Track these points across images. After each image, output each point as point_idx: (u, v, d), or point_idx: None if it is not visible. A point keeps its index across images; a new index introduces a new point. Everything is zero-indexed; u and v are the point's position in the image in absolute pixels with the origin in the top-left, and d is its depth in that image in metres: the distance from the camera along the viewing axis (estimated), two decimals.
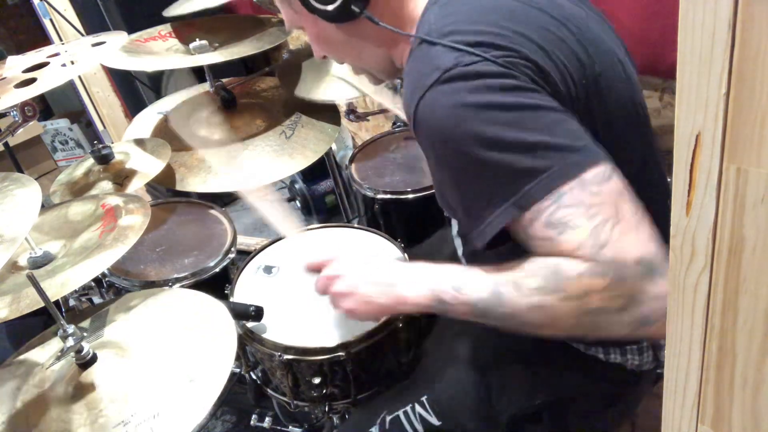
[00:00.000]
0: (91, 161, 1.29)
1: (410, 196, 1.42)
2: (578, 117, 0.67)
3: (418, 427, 0.92)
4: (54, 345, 0.93)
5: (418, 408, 0.93)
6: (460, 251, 0.95)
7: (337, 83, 1.43)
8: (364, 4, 0.75)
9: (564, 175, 0.61)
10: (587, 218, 0.61)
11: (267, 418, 1.30)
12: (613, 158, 0.65)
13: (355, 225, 1.36)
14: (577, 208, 0.61)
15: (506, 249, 0.68)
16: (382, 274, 0.79)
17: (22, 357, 0.93)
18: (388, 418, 0.94)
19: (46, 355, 0.92)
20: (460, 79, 0.63)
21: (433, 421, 0.92)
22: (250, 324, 1.09)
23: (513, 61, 0.63)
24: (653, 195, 0.78)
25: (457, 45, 0.64)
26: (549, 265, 0.64)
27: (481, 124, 0.62)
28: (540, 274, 0.64)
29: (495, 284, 0.68)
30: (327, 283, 0.84)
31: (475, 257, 0.90)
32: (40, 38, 2.52)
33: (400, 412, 0.94)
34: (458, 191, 0.69)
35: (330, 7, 0.75)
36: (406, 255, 1.20)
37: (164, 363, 0.85)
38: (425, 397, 0.93)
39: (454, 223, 0.98)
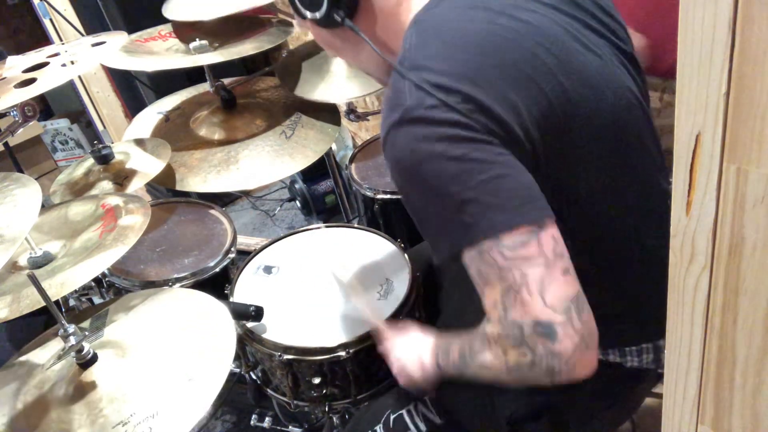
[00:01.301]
0: (91, 161, 1.29)
1: None
2: (537, 160, 0.69)
3: (421, 425, 0.93)
4: (54, 346, 0.93)
5: (420, 407, 0.94)
6: None
7: (337, 83, 1.43)
8: (349, 12, 0.77)
9: (483, 232, 0.66)
10: (499, 280, 0.66)
11: (267, 418, 1.30)
12: (609, 179, 0.70)
13: (355, 225, 1.36)
14: (493, 268, 0.66)
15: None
16: (420, 361, 0.87)
17: (22, 358, 0.93)
18: (392, 417, 0.95)
19: (46, 356, 0.92)
20: (418, 123, 0.66)
21: (436, 419, 0.93)
22: (250, 324, 1.09)
23: (469, 108, 0.65)
24: (658, 213, 0.80)
25: (422, 84, 0.66)
26: (481, 332, 0.73)
27: (427, 170, 0.66)
28: (479, 339, 0.73)
29: (461, 351, 0.78)
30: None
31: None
32: (40, 38, 2.52)
33: (404, 411, 0.95)
34: (414, 219, 0.74)
35: (317, 15, 0.78)
36: (406, 255, 1.20)
37: (163, 362, 0.85)
38: (427, 396, 0.94)
39: None
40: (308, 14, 0.79)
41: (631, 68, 0.81)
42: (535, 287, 0.65)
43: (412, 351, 0.87)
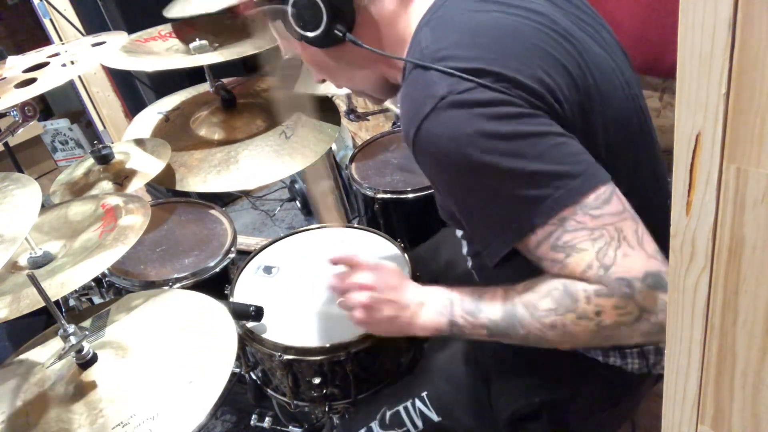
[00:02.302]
0: (91, 161, 1.29)
1: (410, 195, 1.42)
2: (577, 136, 0.67)
3: (418, 422, 0.93)
4: (54, 345, 0.93)
5: (418, 403, 0.94)
6: (464, 251, 0.96)
7: None
8: (347, 27, 0.75)
9: (564, 202, 0.63)
10: (591, 241, 0.63)
11: (267, 418, 1.30)
12: (615, 173, 0.67)
13: (355, 225, 1.36)
14: (581, 232, 0.63)
15: (515, 263, 0.69)
16: (402, 296, 0.80)
17: (22, 356, 0.93)
18: (389, 413, 0.95)
19: (46, 355, 0.92)
20: (454, 107, 0.63)
21: (433, 416, 0.92)
22: (250, 324, 1.09)
23: (506, 86, 0.63)
24: (659, 204, 0.79)
25: (450, 71, 0.64)
26: (560, 286, 0.66)
27: (479, 153, 0.63)
28: (553, 296, 0.67)
29: (508, 306, 0.70)
30: (350, 288, 0.84)
31: (478, 257, 0.91)
32: (40, 38, 2.52)
33: (401, 407, 0.94)
34: (464, 215, 0.71)
35: (314, 34, 0.76)
36: (406, 255, 1.20)
37: (164, 364, 0.85)
38: (425, 392, 0.94)
39: None
40: (305, 34, 0.77)
41: (628, 62, 0.81)
42: (635, 240, 0.63)
43: (401, 301, 0.80)
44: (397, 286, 0.81)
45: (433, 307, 0.78)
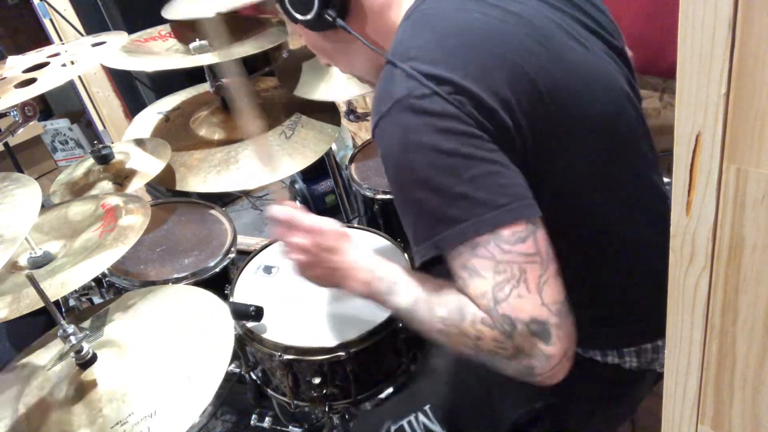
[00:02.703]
0: (91, 161, 1.29)
1: None
2: (525, 152, 0.68)
3: None
4: (54, 347, 0.93)
5: (421, 417, 0.94)
6: None
7: (336, 83, 1.43)
8: (339, 13, 0.77)
9: (479, 229, 0.64)
10: (494, 273, 0.65)
11: (267, 418, 1.30)
12: (608, 179, 0.68)
13: (355, 225, 1.36)
14: (487, 261, 0.65)
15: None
16: (333, 259, 0.83)
17: (23, 360, 0.93)
18: (393, 428, 0.94)
19: (47, 358, 0.92)
20: (408, 112, 0.65)
21: (437, 429, 0.92)
22: (250, 324, 1.09)
23: (461, 100, 0.64)
24: (651, 208, 0.79)
25: (413, 73, 0.65)
26: (457, 302, 0.69)
27: (419, 162, 0.65)
28: (449, 306, 0.70)
29: (415, 300, 0.74)
30: (288, 245, 0.86)
31: None
32: (40, 38, 2.52)
33: (404, 422, 0.94)
34: (399, 213, 0.73)
35: (306, 18, 0.78)
36: (406, 255, 1.20)
37: (162, 361, 0.85)
38: (428, 405, 0.93)
39: None
40: (299, 17, 0.79)
41: (621, 63, 0.81)
42: (534, 285, 0.64)
43: (334, 265, 0.82)
44: (331, 249, 0.84)
45: (358, 278, 0.81)
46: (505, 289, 0.64)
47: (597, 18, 0.80)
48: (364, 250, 0.83)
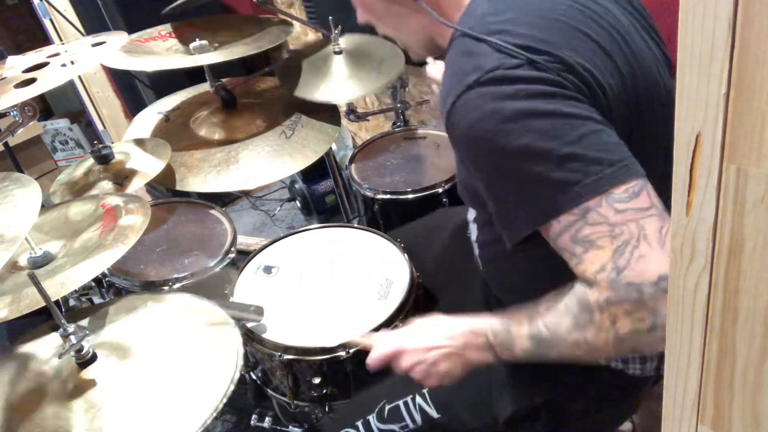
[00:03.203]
0: (91, 161, 1.29)
1: (410, 196, 1.42)
2: (616, 130, 0.66)
3: (417, 418, 0.92)
4: (51, 340, 0.93)
5: (418, 399, 0.93)
6: (473, 236, 0.95)
7: (336, 83, 1.43)
8: None
9: (592, 189, 0.61)
10: (611, 238, 0.61)
11: (267, 418, 1.30)
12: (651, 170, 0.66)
13: (355, 225, 1.36)
14: (602, 227, 0.61)
15: (528, 254, 0.69)
16: (445, 348, 0.79)
17: (19, 352, 0.93)
18: (387, 407, 0.94)
19: (43, 351, 0.91)
20: (501, 83, 0.62)
21: (433, 413, 0.92)
22: (250, 324, 1.09)
23: (557, 67, 0.63)
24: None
25: (503, 45, 0.63)
26: (575, 301, 0.65)
27: (516, 132, 0.62)
28: (571, 312, 0.66)
29: (535, 332, 0.70)
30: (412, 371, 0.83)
31: (489, 245, 0.90)
32: (40, 38, 2.52)
33: (400, 402, 0.93)
34: (490, 192, 0.69)
35: None
36: (406, 255, 1.20)
37: (163, 365, 0.85)
38: (426, 389, 0.93)
39: (471, 210, 0.97)
40: None
41: (669, 74, 0.81)
42: (655, 238, 0.60)
43: (452, 350, 0.79)
44: (431, 343, 0.80)
45: (476, 346, 0.77)
46: (625, 253, 0.60)
47: (653, 25, 0.80)
48: (456, 322, 0.80)
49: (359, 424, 0.96)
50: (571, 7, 0.69)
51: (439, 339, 0.79)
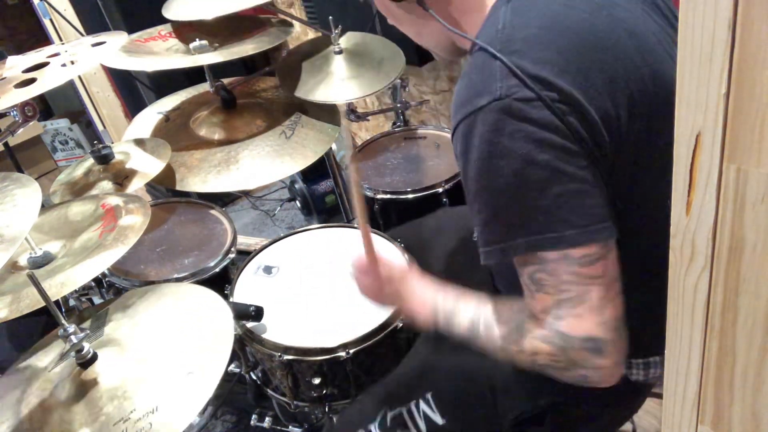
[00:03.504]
0: (91, 161, 1.28)
1: (410, 196, 1.42)
2: (613, 165, 0.67)
3: (421, 424, 0.91)
4: (55, 349, 0.93)
5: (422, 405, 0.92)
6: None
7: (336, 84, 1.43)
8: None
9: (552, 245, 0.65)
10: (558, 291, 0.66)
11: (267, 418, 1.30)
12: (650, 207, 0.69)
13: (355, 225, 1.36)
14: (553, 278, 0.66)
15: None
16: (405, 291, 0.87)
17: (24, 363, 0.93)
18: (390, 414, 0.92)
19: (48, 359, 0.92)
20: (506, 115, 0.62)
21: (437, 419, 0.90)
22: (250, 324, 1.09)
23: (564, 109, 0.62)
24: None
25: (517, 72, 0.62)
26: (518, 320, 0.72)
27: (502, 171, 0.64)
28: (509, 326, 0.74)
29: (474, 322, 0.78)
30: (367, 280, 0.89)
31: None
32: (40, 38, 2.52)
33: (403, 409, 0.92)
34: (471, 209, 0.72)
35: None
36: (406, 255, 1.20)
37: (162, 357, 0.85)
38: (430, 393, 0.92)
39: None
40: None
41: None
42: (595, 306, 0.65)
43: (403, 295, 0.86)
44: (394, 276, 0.88)
45: (423, 310, 0.84)
46: (565, 307, 0.66)
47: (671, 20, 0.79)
48: (428, 282, 0.86)
49: None
50: (596, 23, 0.68)
51: (401, 285, 0.87)
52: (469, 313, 0.79)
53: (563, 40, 0.65)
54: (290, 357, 1.04)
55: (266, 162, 1.34)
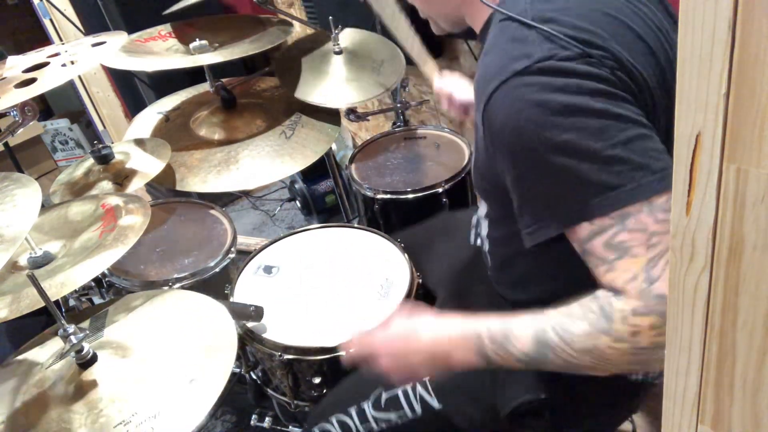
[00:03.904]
0: (91, 161, 1.29)
1: (410, 196, 1.42)
2: (659, 128, 0.65)
3: (417, 407, 0.89)
4: (54, 345, 0.93)
5: (419, 388, 0.90)
6: (483, 232, 0.92)
7: (336, 85, 1.43)
8: None
9: (634, 196, 0.59)
10: (647, 247, 0.59)
11: (267, 418, 1.30)
12: None
13: (355, 225, 1.36)
14: (640, 234, 0.59)
15: (547, 256, 0.67)
16: (426, 344, 0.76)
17: (21, 357, 0.93)
18: (385, 395, 0.91)
19: (45, 355, 0.92)
20: (551, 74, 0.60)
21: (434, 403, 0.89)
22: (250, 324, 1.09)
23: (611, 64, 0.61)
24: None
25: (555, 34, 0.60)
26: (597, 309, 0.62)
27: (563, 126, 0.59)
28: (588, 318, 0.63)
29: (539, 334, 0.66)
30: (377, 363, 0.80)
31: (501, 242, 0.87)
32: (40, 38, 2.52)
33: (399, 391, 0.91)
34: (519, 187, 0.67)
35: None
36: (406, 255, 1.20)
37: (165, 363, 0.85)
38: (428, 377, 0.90)
39: (482, 204, 0.94)
40: None
41: None
42: None
43: (428, 349, 0.75)
44: (401, 338, 0.78)
45: (464, 348, 0.73)
46: (659, 264, 0.58)
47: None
48: (445, 320, 0.75)
49: (352, 410, 0.93)
50: (623, 4, 0.68)
51: (422, 343, 0.76)
52: (528, 328, 0.67)
53: (594, 14, 0.64)
54: (290, 356, 1.04)
55: (266, 162, 1.34)
